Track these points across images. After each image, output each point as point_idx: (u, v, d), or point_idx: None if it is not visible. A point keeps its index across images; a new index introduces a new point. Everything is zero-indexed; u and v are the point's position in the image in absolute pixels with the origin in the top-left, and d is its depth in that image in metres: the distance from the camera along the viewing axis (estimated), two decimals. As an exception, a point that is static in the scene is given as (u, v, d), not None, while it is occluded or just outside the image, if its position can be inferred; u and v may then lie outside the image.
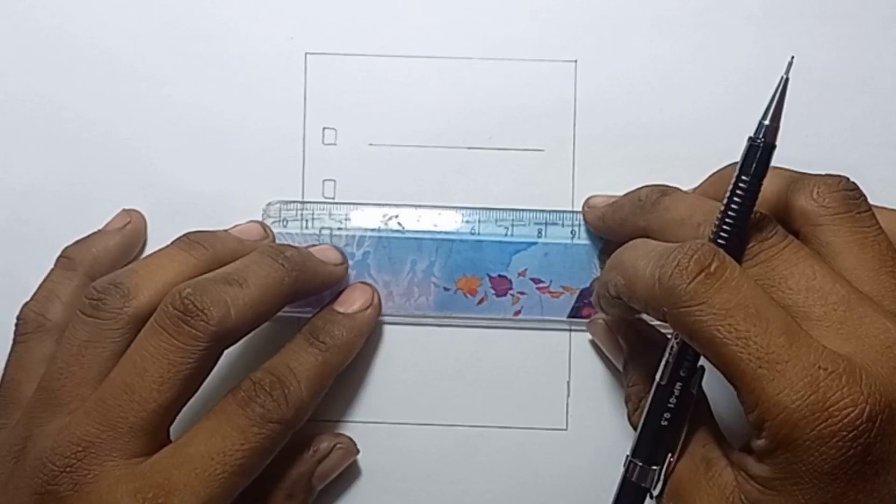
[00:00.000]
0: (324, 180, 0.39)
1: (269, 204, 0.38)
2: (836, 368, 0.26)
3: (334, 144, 0.39)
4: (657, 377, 0.30)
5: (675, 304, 0.27)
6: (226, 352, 0.32)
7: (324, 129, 0.39)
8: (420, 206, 0.38)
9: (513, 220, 0.37)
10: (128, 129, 0.39)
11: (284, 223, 0.38)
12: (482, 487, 0.37)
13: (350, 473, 0.38)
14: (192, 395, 0.32)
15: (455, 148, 0.38)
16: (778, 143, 0.29)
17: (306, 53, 0.39)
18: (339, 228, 0.38)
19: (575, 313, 0.37)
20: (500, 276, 0.37)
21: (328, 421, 0.38)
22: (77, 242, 0.37)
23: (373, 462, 0.38)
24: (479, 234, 0.37)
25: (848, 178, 0.30)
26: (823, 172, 0.31)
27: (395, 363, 0.38)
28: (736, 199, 0.29)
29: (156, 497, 0.29)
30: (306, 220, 0.38)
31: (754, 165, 0.29)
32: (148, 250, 0.38)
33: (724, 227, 0.29)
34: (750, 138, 0.29)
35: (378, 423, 0.38)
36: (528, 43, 0.38)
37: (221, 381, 0.33)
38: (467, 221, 0.38)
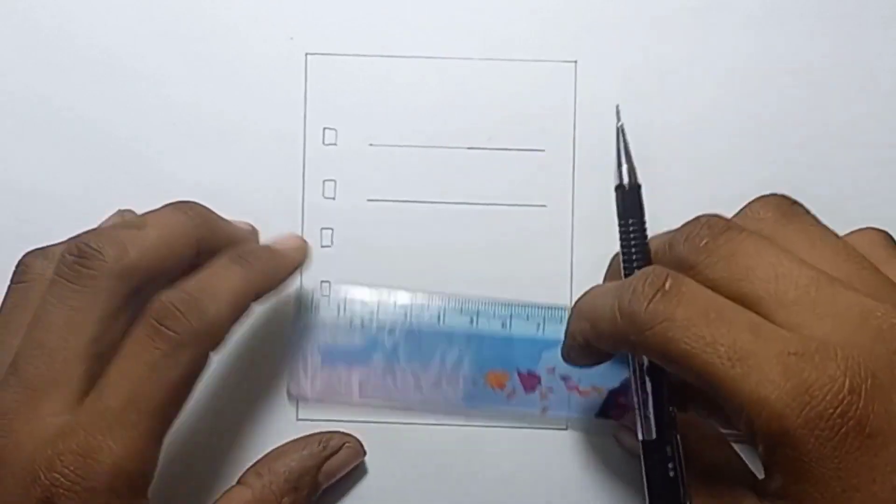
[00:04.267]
0: (324, 180, 0.39)
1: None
2: (808, 350, 0.25)
3: (334, 144, 0.39)
4: (640, 435, 0.30)
5: (639, 330, 0.27)
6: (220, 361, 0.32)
7: (324, 129, 0.39)
8: (448, 295, 0.38)
9: (545, 316, 0.37)
10: (128, 129, 0.39)
11: (317, 309, 0.38)
12: (482, 487, 0.38)
13: (351, 473, 0.38)
14: (117, 342, 0.30)
15: (455, 148, 0.38)
16: (774, 144, 0.30)
17: (306, 53, 0.39)
18: (371, 315, 0.37)
19: (603, 413, 0.37)
20: (529, 371, 0.37)
21: (332, 420, 0.38)
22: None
23: (374, 462, 0.38)
24: (510, 329, 0.37)
25: (779, 194, 0.31)
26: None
27: (395, 363, 0.38)
28: (630, 239, 0.31)
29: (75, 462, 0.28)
30: (338, 306, 0.38)
31: (628, 207, 0.31)
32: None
33: (629, 264, 0.31)
34: (616, 186, 0.32)
35: (379, 423, 0.38)
36: (528, 43, 0.38)
37: (220, 387, 0.33)
38: (498, 317, 0.37)
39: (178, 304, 0.30)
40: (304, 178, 0.39)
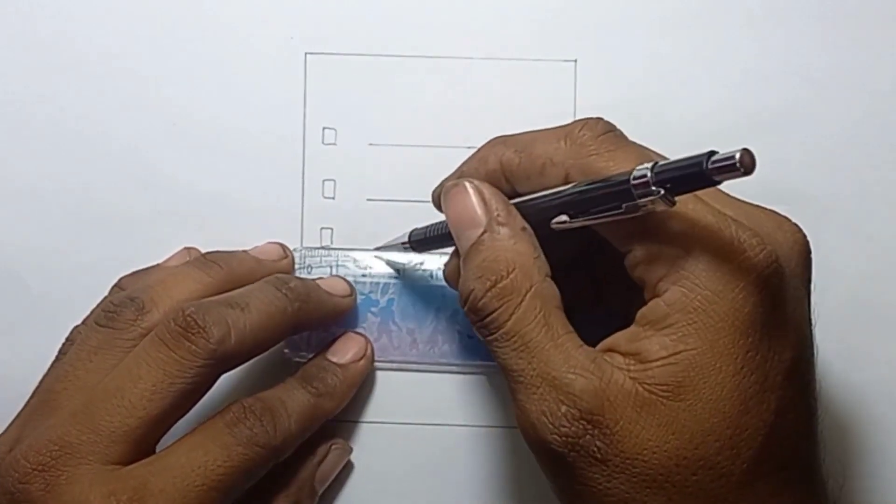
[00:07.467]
0: (324, 180, 0.39)
1: (294, 250, 0.38)
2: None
3: (334, 144, 0.39)
4: None
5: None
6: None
7: (324, 129, 0.39)
8: (444, 254, 0.37)
9: None
10: (128, 129, 0.39)
11: (309, 270, 0.38)
12: (482, 487, 0.38)
13: (350, 473, 0.38)
14: (182, 415, 0.31)
15: (455, 148, 0.38)
16: (774, 144, 0.30)
17: (306, 53, 0.39)
18: (364, 275, 0.38)
19: None
20: None
21: (329, 420, 0.38)
22: (133, 273, 0.36)
23: (373, 462, 0.38)
24: None
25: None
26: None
27: (395, 363, 0.38)
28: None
29: (130, 501, 0.29)
30: (331, 267, 0.38)
31: None
32: (147, 249, 0.38)
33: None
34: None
35: (378, 423, 0.38)
36: (528, 43, 0.38)
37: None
38: None
39: (257, 410, 0.32)
40: (304, 178, 0.39)
